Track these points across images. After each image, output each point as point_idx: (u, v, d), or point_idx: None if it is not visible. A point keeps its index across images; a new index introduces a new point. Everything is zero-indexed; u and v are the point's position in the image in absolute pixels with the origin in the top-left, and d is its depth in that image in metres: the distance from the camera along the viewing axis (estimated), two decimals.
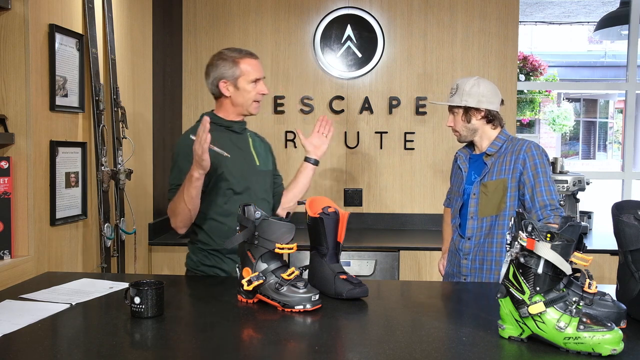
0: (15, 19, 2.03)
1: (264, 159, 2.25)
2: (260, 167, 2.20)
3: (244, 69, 2.10)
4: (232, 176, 2.09)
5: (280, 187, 2.35)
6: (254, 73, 2.11)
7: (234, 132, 2.17)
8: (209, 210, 2.09)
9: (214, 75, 2.12)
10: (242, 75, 2.10)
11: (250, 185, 2.13)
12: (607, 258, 3.09)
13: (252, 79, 2.10)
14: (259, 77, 2.12)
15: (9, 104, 2.05)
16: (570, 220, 1.42)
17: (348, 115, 3.73)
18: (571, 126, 14.61)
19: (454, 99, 2.29)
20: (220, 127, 2.13)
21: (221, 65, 2.10)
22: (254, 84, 2.12)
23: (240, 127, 2.19)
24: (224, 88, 2.11)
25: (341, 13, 3.70)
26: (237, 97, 2.12)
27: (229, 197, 2.09)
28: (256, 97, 2.14)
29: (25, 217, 2.07)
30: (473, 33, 3.67)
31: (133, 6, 2.98)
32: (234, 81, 2.10)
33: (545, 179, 2.17)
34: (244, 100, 2.12)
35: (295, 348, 1.37)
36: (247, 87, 2.11)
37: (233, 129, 2.16)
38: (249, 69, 2.11)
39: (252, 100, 2.13)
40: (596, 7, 10.63)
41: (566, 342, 1.26)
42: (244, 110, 2.15)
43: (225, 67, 2.10)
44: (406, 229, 3.70)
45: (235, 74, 2.09)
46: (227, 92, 2.12)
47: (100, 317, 1.62)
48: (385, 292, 1.92)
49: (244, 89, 2.11)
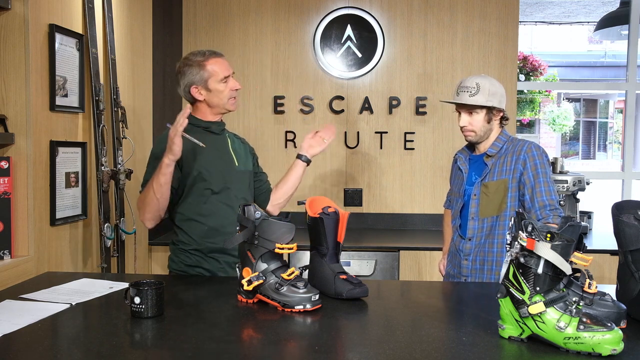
0: (15, 19, 2.04)
1: (244, 160, 2.25)
2: (239, 167, 2.21)
3: (211, 69, 2.09)
4: (210, 176, 2.09)
5: (266, 184, 2.36)
6: (221, 72, 2.10)
7: (212, 133, 2.17)
8: (189, 211, 2.10)
9: (184, 83, 2.12)
10: (210, 77, 2.09)
11: (229, 185, 2.13)
12: (607, 258, 3.09)
13: (220, 78, 2.10)
14: (227, 74, 2.12)
15: (9, 104, 2.05)
16: (570, 220, 1.42)
17: (348, 115, 3.73)
18: (571, 126, 14.61)
19: (478, 99, 2.20)
20: (198, 128, 2.13)
21: (188, 71, 2.10)
22: (224, 83, 2.11)
23: (218, 128, 2.19)
24: (196, 93, 2.12)
25: (341, 13, 3.70)
26: (212, 99, 2.13)
27: (207, 197, 2.09)
28: (230, 94, 2.13)
29: (25, 217, 2.07)
30: (473, 33, 3.67)
31: (133, 6, 2.98)
32: (204, 84, 2.10)
33: (545, 179, 2.17)
34: (219, 100, 2.13)
35: (295, 348, 1.37)
36: (218, 87, 2.11)
37: (211, 129, 2.17)
38: (215, 69, 2.10)
39: (227, 98, 2.13)
40: (596, 7, 10.63)
41: (566, 342, 1.26)
42: (221, 109, 2.16)
43: (192, 73, 2.10)
44: (406, 229, 3.70)
45: (204, 77, 2.09)
46: (200, 97, 2.13)
47: (100, 317, 1.62)
48: (385, 292, 1.92)
49: (216, 90, 2.11)
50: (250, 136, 2.83)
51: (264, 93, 3.72)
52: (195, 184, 2.09)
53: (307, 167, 2.32)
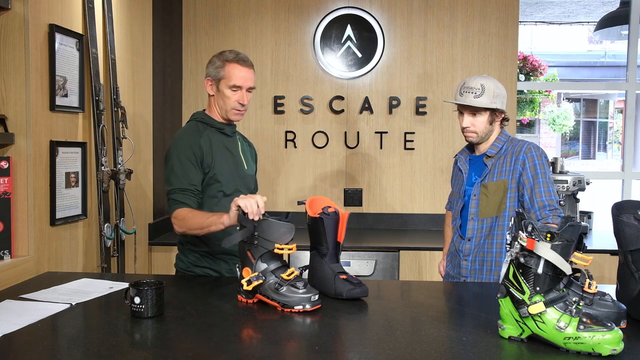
0: (15, 19, 2.03)
1: (251, 164, 2.26)
2: (248, 170, 2.21)
3: (228, 72, 2.08)
4: (223, 178, 2.09)
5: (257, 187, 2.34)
6: (235, 79, 2.07)
7: (225, 135, 2.17)
8: None
9: (206, 72, 2.14)
10: (224, 79, 2.09)
11: (240, 188, 2.13)
12: (607, 258, 3.09)
13: (231, 84, 2.08)
14: (239, 84, 2.08)
15: (9, 104, 2.05)
16: (570, 220, 1.42)
17: (348, 115, 3.73)
18: (571, 126, 14.59)
19: (483, 101, 2.19)
20: (212, 128, 2.13)
21: (213, 63, 2.11)
22: (233, 91, 2.08)
23: (230, 130, 2.19)
24: (208, 87, 2.13)
25: (341, 13, 3.70)
26: (218, 99, 2.13)
27: (219, 198, 2.09)
28: (234, 106, 2.10)
29: (25, 217, 2.07)
30: (473, 33, 3.67)
31: (133, 6, 2.98)
32: (217, 82, 2.10)
33: (544, 179, 2.17)
34: (223, 104, 2.11)
35: (295, 348, 1.37)
36: (225, 91, 2.09)
37: (224, 131, 2.17)
38: (232, 74, 2.08)
39: (231, 107, 2.10)
40: (596, 7, 10.62)
41: (566, 342, 1.26)
42: (223, 114, 2.14)
43: (214, 66, 2.10)
44: (406, 229, 3.70)
45: (219, 75, 2.09)
46: (210, 91, 2.14)
47: (100, 317, 1.62)
48: (385, 292, 1.92)
49: (223, 93, 2.10)
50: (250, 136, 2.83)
51: (264, 93, 3.72)
52: (209, 185, 2.07)
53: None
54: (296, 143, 3.71)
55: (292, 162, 3.70)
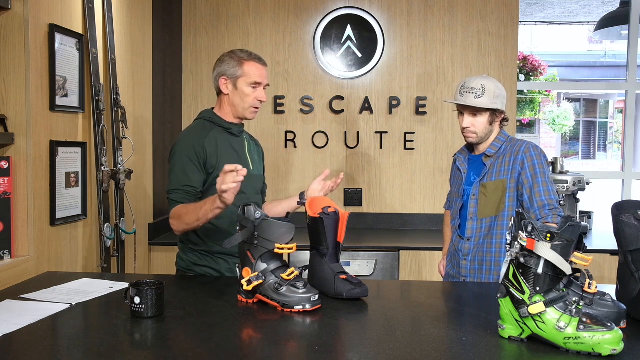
0: (15, 19, 2.04)
1: (257, 164, 2.25)
2: (253, 171, 2.20)
3: (247, 70, 2.08)
4: None
5: (264, 195, 2.33)
6: (255, 77, 2.09)
7: (232, 135, 2.16)
8: None
9: (217, 71, 2.12)
10: (242, 77, 2.08)
11: (244, 189, 2.12)
12: (607, 258, 3.09)
13: (251, 81, 2.08)
14: (259, 81, 2.10)
15: (9, 104, 2.05)
16: (570, 220, 1.42)
17: (348, 115, 3.73)
18: (571, 126, 14.60)
19: (484, 101, 2.20)
20: (219, 128, 2.12)
21: (227, 62, 2.10)
22: (253, 89, 2.09)
23: (238, 130, 2.18)
24: (223, 85, 2.11)
25: (341, 13, 3.70)
26: (234, 98, 2.11)
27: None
28: (253, 103, 2.11)
29: (25, 217, 2.07)
30: (473, 33, 3.67)
31: (133, 6, 2.98)
32: (234, 80, 2.09)
33: (543, 179, 2.17)
34: (240, 102, 2.11)
35: (295, 348, 1.37)
36: (245, 89, 2.09)
37: (232, 131, 2.16)
38: (251, 71, 2.09)
39: (249, 105, 2.11)
40: (596, 7, 10.62)
41: (566, 342, 1.26)
42: (239, 112, 2.13)
43: (229, 65, 2.09)
44: (406, 229, 3.70)
45: (237, 74, 2.08)
46: (225, 90, 2.12)
47: (100, 317, 1.62)
48: (385, 292, 1.92)
49: (242, 91, 2.09)
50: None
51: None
52: (213, 185, 2.06)
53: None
54: (296, 143, 3.71)
55: (292, 162, 3.70)
